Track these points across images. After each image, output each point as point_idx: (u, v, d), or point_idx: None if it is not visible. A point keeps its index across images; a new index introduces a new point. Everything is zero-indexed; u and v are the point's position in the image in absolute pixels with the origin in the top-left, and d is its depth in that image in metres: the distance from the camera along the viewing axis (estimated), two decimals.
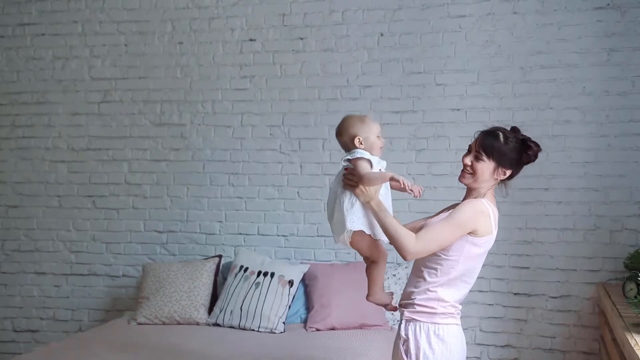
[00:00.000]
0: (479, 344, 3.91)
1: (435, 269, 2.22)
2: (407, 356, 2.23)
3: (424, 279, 2.24)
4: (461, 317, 2.33)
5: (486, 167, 2.25)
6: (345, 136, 2.27)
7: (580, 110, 3.81)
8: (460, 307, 2.29)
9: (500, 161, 2.25)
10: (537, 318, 3.85)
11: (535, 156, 2.33)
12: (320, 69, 4.17)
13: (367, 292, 2.34)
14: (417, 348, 2.20)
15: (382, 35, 4.09)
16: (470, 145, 2.33)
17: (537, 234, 3.86)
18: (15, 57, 4.55)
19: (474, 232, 2.19)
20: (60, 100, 4.50)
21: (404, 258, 2.15)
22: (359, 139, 2.24)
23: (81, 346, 3.32)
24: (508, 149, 2.26)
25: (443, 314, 2.22)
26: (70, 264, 4.48)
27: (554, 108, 3.84)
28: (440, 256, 2.20)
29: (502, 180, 2.31)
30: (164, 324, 3.80)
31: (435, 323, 2.21)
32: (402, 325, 2.27)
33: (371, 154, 2.23)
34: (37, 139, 4.52)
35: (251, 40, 4.27)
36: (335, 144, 4.21)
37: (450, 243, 2.17)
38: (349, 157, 2.21)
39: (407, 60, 4.05)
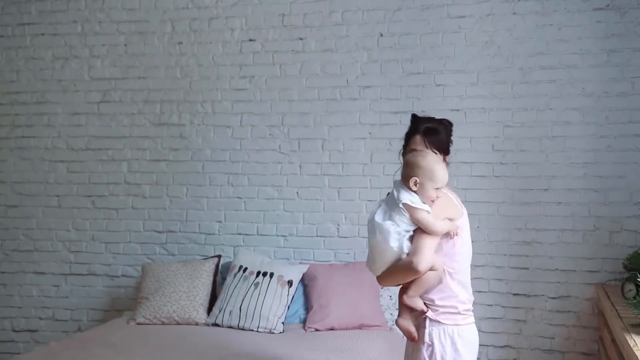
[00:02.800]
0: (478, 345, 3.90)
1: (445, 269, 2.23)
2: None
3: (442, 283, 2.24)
4: None
5: None
6: (408, 168, 2.20)
7: (580, 111, 3.81)
8: (471, 299, 2.28)
9: (446, 151, 2.38)
10: (537, 319, 3.85)
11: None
12: (320, 69, 4.17)
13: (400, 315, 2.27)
14: (443, 352, 2.17)
15: (381, 35, 4.09)
16: (406, 148, 2.39)
17: (536, 234, 3.86)
18: (14, 57, 4.55)
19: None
20: (60, 100, 4.50)
21: (417, 273, 2.12)
22: (415, 180, 2.16)
23: (80, 346, 3.32)
24: (447, 139, 2.40)
25: (464, 313, 2.22)
26: (69, 264, 4.48)
27: (553, 109, 3.84)
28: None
29: None
30: (163, 324, 3.79)
31: (458, 324, 2.20)
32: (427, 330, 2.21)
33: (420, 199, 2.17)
34: (36, 138, 4.52)
35: (251, 40, 4.27)
36: (334, 143, 4.26)
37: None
38: (409, 202, 2.13)
39: (406, 61, 4.05)
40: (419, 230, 2.14)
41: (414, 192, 2.16)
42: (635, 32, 3.73)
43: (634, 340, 2.40)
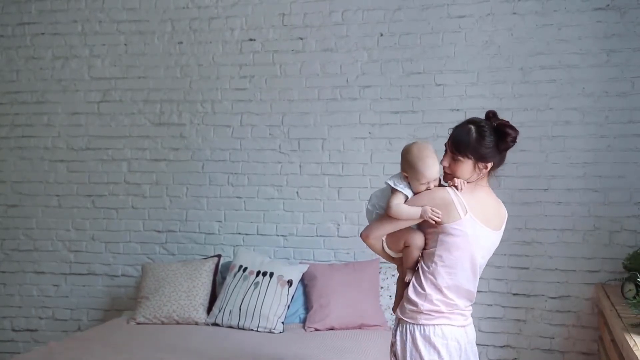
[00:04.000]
0: (478, 344, 3.86)
1: (421, 266, 2.23)
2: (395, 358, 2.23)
3: (414, 279, 2.24)
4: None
5: (465, 166, 2.20)
6: (400, 160, 2.27)
7: (580, 111, 3.81)
8: (456, 304, 2.22)
9: (478, 157, 2.19)
10: (536, 318, 3.85)
11: (514, 141, 2.20)
12: (320, 69, 4.17)
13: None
14: (404, 350, 2.20)
15: (381, 35, 4.09)
16: (445, 145, 2.26)
17: (536, 234, 3.86)
18: (14, 57, 4.55)
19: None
20: (60, 100, 4.50)
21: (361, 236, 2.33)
22: (405, 175, 2.23)
23: (80, 346, 3.32)
24: (483, 144, 2.17)
25: (429, 313, 2.18)
26: (69, 264, 4.48)
27: (553, 109, 3.85)
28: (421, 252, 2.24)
29: (489, 170, 2.26)
30: (162, 323, 3.79)
31: (421, 324, 2.19)
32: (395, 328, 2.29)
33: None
34: (36, 138, 4.52)
35: (251, 40, 4.27)
36: (334, 143, 4.26)
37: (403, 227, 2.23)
38: (391, 183, 2.24)
39: (406, 61, 4.05)
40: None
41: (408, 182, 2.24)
42: (635, 32, 3.73)
43: (634, 340, 2.40)
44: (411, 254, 2.25)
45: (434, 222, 2.16)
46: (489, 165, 2.22)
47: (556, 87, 3.84)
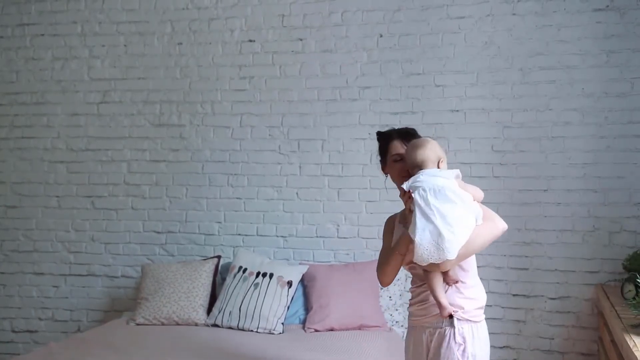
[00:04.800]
0: None
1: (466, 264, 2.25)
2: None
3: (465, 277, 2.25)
4: None
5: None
6: (432, 155, 2.21)
7: (580, 111, 3.81)
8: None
9: None
10: (536, 319, 3.85)
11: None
12: (320, 70, 4.17)
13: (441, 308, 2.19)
14: (481, 349, 2.20)
15: (381, 36, 4.09)
16: (398, 155, 2.37)
17: (536, 235, 3.86)
18: (14, 58, 4.55)
19: None
20: (60, 101, 4.50)
21: (501, 233, 2.21)
22: (444, 161, 2.25)
23: (80, 347, 3.31)
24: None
25: (483, 307, 2.27)
26: (69, 265, 4.48)
27: (553, 109, 3.85)
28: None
29: None
30: (162, 324, 3.79)
31: (483, 320, 2.26)
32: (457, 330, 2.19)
33: None
34: (36, 139, 4.52)
35: (250, 41, 4.27)
36: (334, 144, 4.24)
37: None
38: (455, 177, 2.19)
39: (406, 62, 4.05)
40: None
41: None
42: (634, 33, 3.73)
43: (634, 340, 2.40)
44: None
45: None
46: None
47: (556, 87, 3.84)
